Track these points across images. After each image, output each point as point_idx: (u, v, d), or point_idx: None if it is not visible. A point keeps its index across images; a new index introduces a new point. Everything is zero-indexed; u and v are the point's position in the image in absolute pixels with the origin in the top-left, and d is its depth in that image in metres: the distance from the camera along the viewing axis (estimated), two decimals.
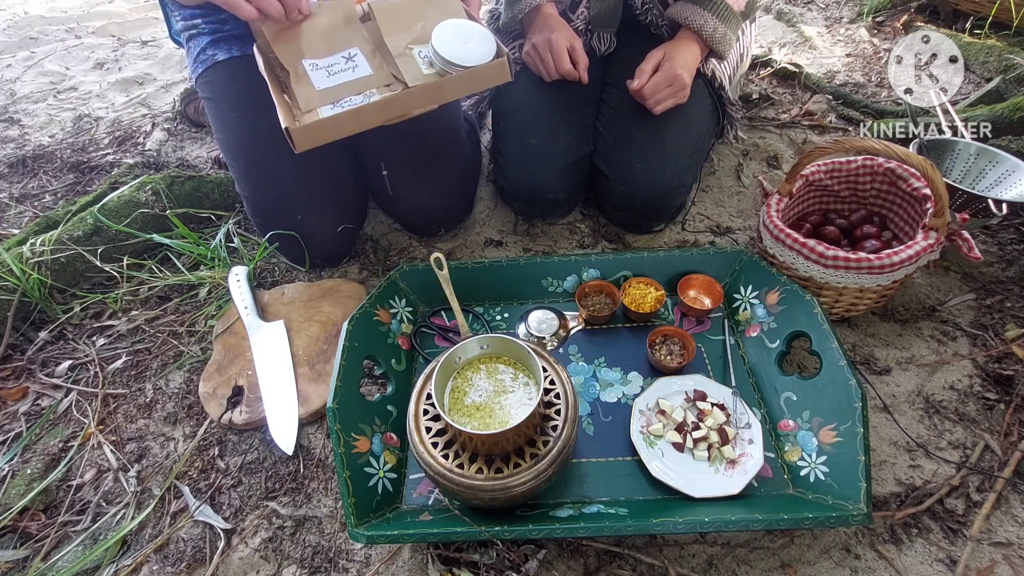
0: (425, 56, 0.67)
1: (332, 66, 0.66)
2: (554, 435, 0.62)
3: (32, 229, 1.05)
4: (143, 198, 1.07)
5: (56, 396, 0.87)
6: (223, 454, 0.79)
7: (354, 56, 0.67)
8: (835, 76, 1.47)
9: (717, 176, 1.18)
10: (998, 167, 0.96)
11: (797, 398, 0.73)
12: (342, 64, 0.66)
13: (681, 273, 0.89)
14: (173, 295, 1.01)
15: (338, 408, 0.67)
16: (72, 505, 0.75)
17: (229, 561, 0.68)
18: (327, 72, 0.66)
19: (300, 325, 0.91)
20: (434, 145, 0.98)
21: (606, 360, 0.84)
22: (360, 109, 0.64)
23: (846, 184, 0.94)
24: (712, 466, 0.70)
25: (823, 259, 0.77)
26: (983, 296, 0.91)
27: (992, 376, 0.81)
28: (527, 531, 0.60)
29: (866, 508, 0.60)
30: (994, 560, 0.64)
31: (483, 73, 0.67)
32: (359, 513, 0.63)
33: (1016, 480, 0.70)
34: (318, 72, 0.67)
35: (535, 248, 1.06)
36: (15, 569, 0.69)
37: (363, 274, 1.03)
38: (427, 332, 0.89)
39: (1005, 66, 1.30)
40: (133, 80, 1.70)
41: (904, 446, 0.74)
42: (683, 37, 0.94)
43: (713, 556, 0.66)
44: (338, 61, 0.67)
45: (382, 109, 0.65)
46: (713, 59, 1.00)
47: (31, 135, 1.49)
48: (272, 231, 0.95)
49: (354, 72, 0.66)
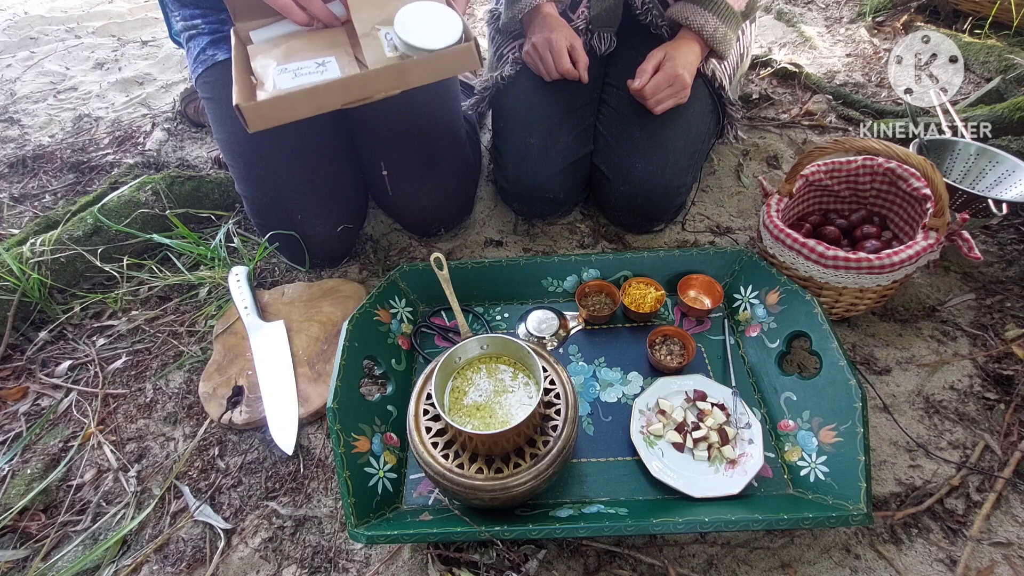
0: (390, 39, 0.64)
1: (300, 68, 0.64)
2: (554, 435, 0.62)
3: (32, 229, 1.05)
4: (143, 198, 1.07)
5: (56, 396, 0.87)
6: (223, 454, 0.79)
7: (327, 62, 0.64)
8: (835, 76, 1.47)
9: (717, 176, 1.18)
10: (998, 167, 0.96)
11: (797, 398, 0.73)
12: (311, 67, 0.63)
13: (681, 273, 0.89)
14: (173, 295, 1.01)
15: (338, 408, 0.67)
16: (72, 505, 0.75)
17: (229, 561, 0.68)
18: (294, 74, 0.63)
19: (300, 325, 0.91)
20: (434, 145, 0.98)
21: (606, 360, 0.84)
22: (316, 88, 0.60)
23: (846, 184, 0.94)
24: (712, 466, 0.70)
25: (823, 259, 0.77)
26: (983, 296, 0.91)
27: (992, 376, 0.81)
28: (527, 531, 0.60)
29: (866, 508, 0.60)
30: (994, 560, 0.64)
31: (448, 57, 0.63)
32: (359, 513, 0.63)
33: (1016, 480, 0.70)
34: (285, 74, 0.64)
35: (535, 248, 1.06)
36: (15, 569, 0.69)
37: (363, 274, 1.03)
38: (427, 332, 0.89)
39: (1005, 66, 1.30)
40: (133, 80, 1.70)
41: (904, 446, 0.74)
42: (683, 37, 0.94)
43: (713, 556, 0.66)
44: (307, 65, 0.64)
45: (340, 90, 0.61)
46: (713, 59, 1.00)
47: (31, 135, 1.49)
48: (272, 231, 0.95)
49: (322, 75, 0.63)
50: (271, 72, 0.63)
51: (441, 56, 0.64)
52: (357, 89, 0.62)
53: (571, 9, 1.04)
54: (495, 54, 1.12)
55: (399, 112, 0.96)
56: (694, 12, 0.92)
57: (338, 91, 0.62)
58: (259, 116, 0.60)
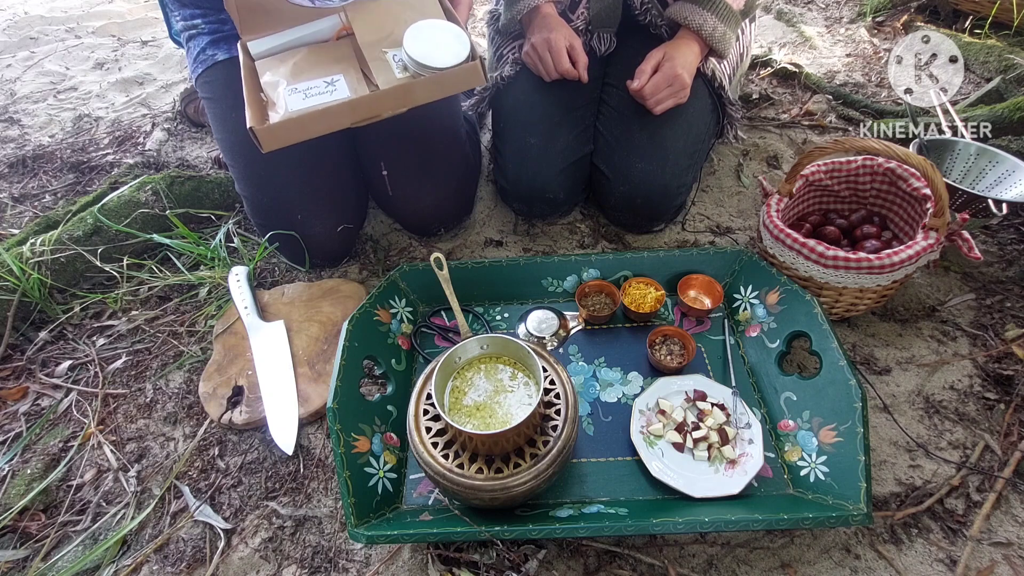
0: (399, 60, 0.67)
1: (311, 88, 0.65)
2: (554, 435, 0.62)
3: (32, 229, 1.05)
4: (143, 198, 1.07)
5: (56, 396, 0.87)
6: (223, 454, 0.79)
7: (335, 81, 0.66)
8: (835, 76, 1.47)
9: (717, 176, 1.18)
10: (998, 167, 0.96)
11: (797, 398, 0.73)
12: (321, 86, 0.65)
13: (681, 273, 0.89)
14: (173, 295, 1.01)
15: (338, 408, 0.67)
16: (72, 505, 0.75)
17: (229, 561, 0.68)
18: (304, 95, 0.65)
19: (300, 325, 0.91)
20: (434, 145, 0.97)
21: (606, 360, 0.84)
22: (327, 109, 0.63)
23: (846, 184, 0.94)
24: (712, 466, 0.70)
25: (823, 259, 0.77)
26: (983, 296, 0.91)
27: (992, 376, 0.81)
28: (527, 531, 0.60)
29: (866, 508, 0.60)
30: (994, 560, 0.64)
31: (454, 76, 0.66)
32: (359, 513, 0.63)
33: (1016, 480, 0.70)
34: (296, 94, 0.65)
35: (535, 248, 1.06)
36: (15, 569, 0.69)
37: (363, 274, 1.03)
38: (427, 332, 0.89)
39: (1005, 66, 1.30)
40: (133, 80, 1.70)
41: (904, 446, 0.74)
42: (683, 37, 0.94)
43: (713, 556, 0.66)
44: (317, 84, 0.66)
45: (349, 110, 0.64)
46: (713, 59, 1.00)
47: (31, 135, 1.49)
48: (272, 231, 0.95)
49: (332, 95, 0.65)
50: (282, 92, 0.65)
51: (449, 74, 0.66)
52: (366, 109, 0.65)
53: (570, 9, 1.04)
54: (495, 54, 1.12)
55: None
56: (693, 11, 0.92)
57: (348, 112, 0.64)
58: (273, 138, 0.63)
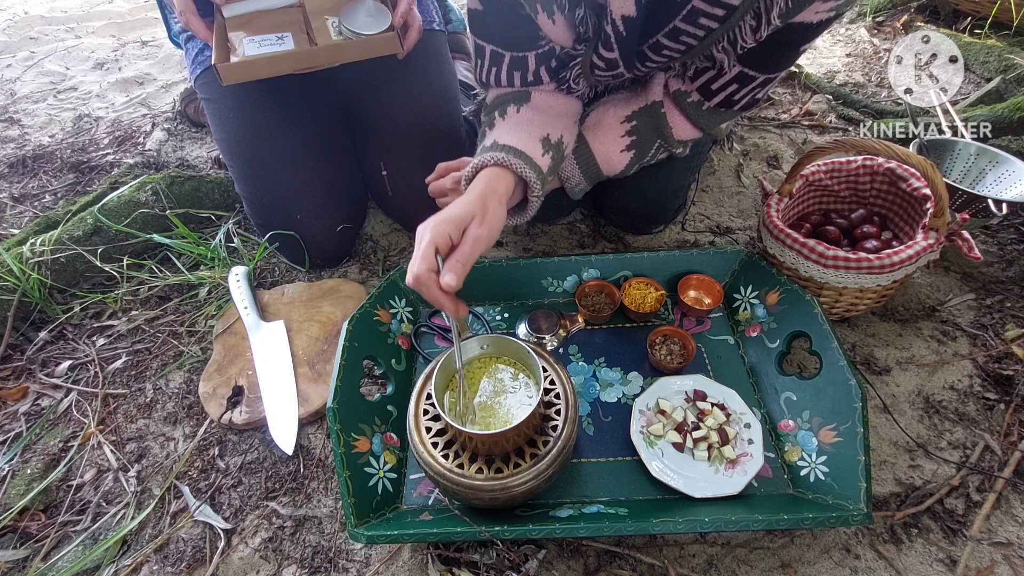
0: (336, 26, 0.85)
1: (264, 40, 0.84)
2: (554, 435, 0.62)
3: (32, 229, 1.05)
4: (143, 198, 1.07)
5: (56, 396, 0.87)
6: (223, 454, 0.79)
7: (284, 37, 0.85)
8: (835, 76, 1.47)
9: (717, 176, 1.18)
10: (998, 167, 0.96)
11: (797, 398, 0.73)
12: (273, 40, 0.84)
13: (681, 273, 0.89)
14: (173, 295, 1.01)
15: (338, 408, 0.67)
16: (72, 505, 0.75)
17: (229, 561, 0.68)
18: (258, 44, 0.83)
19: (300, 325, 0.91)
20: (434, 146, 0.97)
21: (606, 360, 0.84)
22: (274, 56, 0.81)
23: (846, 184, 0.94)
24: (712, 466, 0.70)
25: (823, 259, 0.77)
26: (983, 296, 0.91)
27: (992, 376, 0.81)
28: (527, 531, 0.60)
29: (866, 508, 0.60)
30: (994, 560, 0.64)
31: (375, 42, 0.85)
32: (359, 513, 0.63)
33: (1016, 480, 0.70)
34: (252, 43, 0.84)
35: (535, 248, 1.06)
36: (15, 569, 0.69)
37: (363, 274, 1.03)
38: (427, 332, 0.89)
39: (1005, 66, 1.30)
40: (133, 80, 1.70)
41: (904, 446, 0.74)
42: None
43: (713, 556, 0.66)
44: (270, 38, 0.85)
45: (292, 59, 0.82)
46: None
47: (31, 135, 1.49)
48: (272, 231, 0.95)
49: (280, 46, 0.84)
50: (243, 41, 0.83)
51: (371, 40, 0.84)
52: (305, 60, 0.83)
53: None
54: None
55: (399, 112, 0.96)
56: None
57: (291, 60, 0.82)
58: (230, 74, 0.80)
